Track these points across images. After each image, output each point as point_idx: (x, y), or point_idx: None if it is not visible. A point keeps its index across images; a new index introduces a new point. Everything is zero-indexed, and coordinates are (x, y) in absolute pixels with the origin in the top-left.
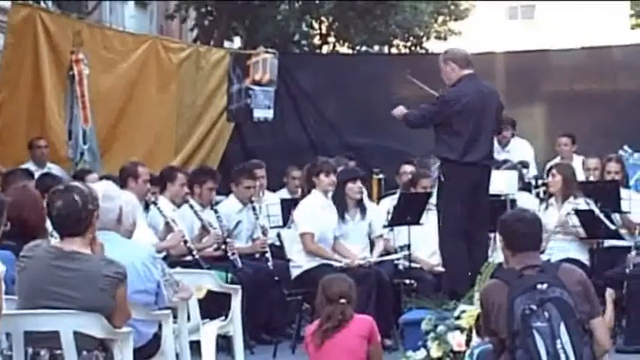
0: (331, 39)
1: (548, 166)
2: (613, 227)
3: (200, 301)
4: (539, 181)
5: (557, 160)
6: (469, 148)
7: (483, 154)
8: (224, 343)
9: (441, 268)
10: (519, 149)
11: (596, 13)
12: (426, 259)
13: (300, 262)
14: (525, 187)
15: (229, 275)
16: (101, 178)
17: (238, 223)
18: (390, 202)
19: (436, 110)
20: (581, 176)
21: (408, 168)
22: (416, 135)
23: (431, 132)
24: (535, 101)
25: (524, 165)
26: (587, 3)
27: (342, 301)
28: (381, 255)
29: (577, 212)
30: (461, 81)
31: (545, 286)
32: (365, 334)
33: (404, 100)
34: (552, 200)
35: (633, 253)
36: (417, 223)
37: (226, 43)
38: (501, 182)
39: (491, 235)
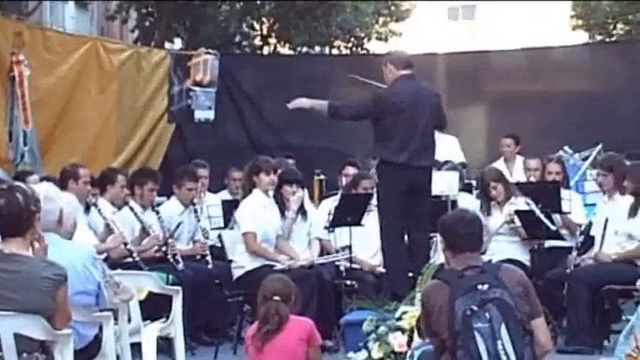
0: (272, 40)
1: (485, 170)
2: (554, 228)
3: (141, 302)
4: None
5: (501, 161)
6: (402, 149)
7: (417, 155)
8: (165, 345)
9: (382, 269)
10: (444, 144)
11: (537, 14)
12: (368, 260)
13: (241, 263)
14: (466, 187)
15: (170, 277)
16: (42, 180)
17: (179, 224)
18: (331, 203)
19: (368, 106)
20: (522, 177)
21: (350, 169)
22: (357, 135)
23: (372, 132)
24: (476, 102)
25: (464, 166)
26: (528, 3)
27: (276, 298)
28: (322, 256)
29: (518, 213)
30: (397, 81)
31: (486, 286)
32: (304, 336)
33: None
34: (494, 202)
35: (574, 253)
36: (358, 224)
37: (167, 44)
38: (442, 183)
39: (433, 236)
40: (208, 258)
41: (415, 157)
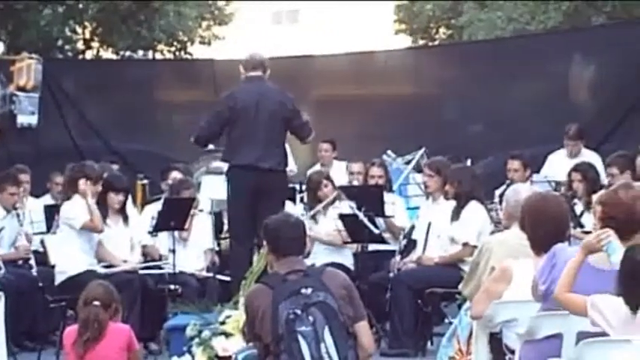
0: (95, 44)
1: (308, 173)
2: (377, 231)
3: None
4: (304, 187)
5: (318, 166)
6: (242, 150)
7: (257, 157)
8: None
9: (205, 273)
10: None
11: (361, 18)
12: (192, 264)
13: (64, 268)
14: (290, 193)
15: None
16: None
17: (1, 230)
18: (155, 207)
19: (213, 116)
20: (340, 181)
21: (174, 174)
22: (179, 140)
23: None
24: (300, 106)
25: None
26: (351, 8)
27: (96, 303)
28: (145, 261)
29: (342, 217)
30: (242, 83)
31: (309, 290)
32: (123, 344)
33: (168, 104)
34: (319, 207)
35: (397, 257)
36: (181, 228)
37: None
38: None
39: None
40: (32, 262)
41: (257, 159)
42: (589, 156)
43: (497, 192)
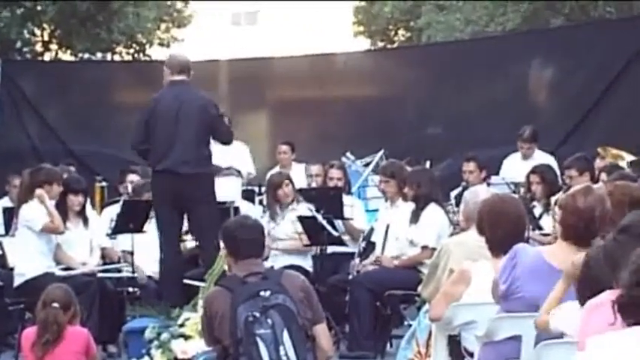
0: (54, 46)
1: (270, 174)
2: (336, 234)
3: None
4: (262, 189)
5: (277, 168)
6: (162, 155)
7: (177, 162)
8: None
9: None
10: (234, 150)
11: (320, 20)
12: (149, 266)
13: (22, 271)
14: (248, 195)
15: None
16: None
17: None
18: (113, 209)
19: (138, 121)
20: (298, 183)
21: (132, 177)
22: None
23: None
24: (259, 108)
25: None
26: (310, 10)
27: (55, 305)
28: (104, 263)
29: (300, 219)
30: (166, 87)
31: (268, 293)
32: (81, 348)
33: (126, 106)
34: (277, 209)
35: (357, 260)
36: (140, 230)
37: None
38: (223, 189)
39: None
40: None
41: (177, 164)
42: (543, 158)
43: (453, 194)
